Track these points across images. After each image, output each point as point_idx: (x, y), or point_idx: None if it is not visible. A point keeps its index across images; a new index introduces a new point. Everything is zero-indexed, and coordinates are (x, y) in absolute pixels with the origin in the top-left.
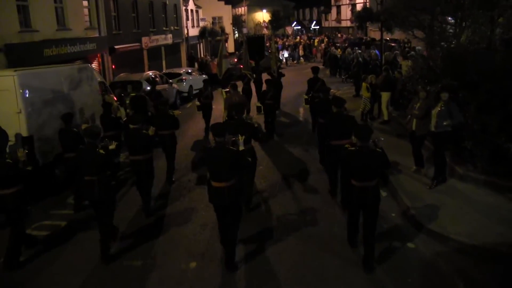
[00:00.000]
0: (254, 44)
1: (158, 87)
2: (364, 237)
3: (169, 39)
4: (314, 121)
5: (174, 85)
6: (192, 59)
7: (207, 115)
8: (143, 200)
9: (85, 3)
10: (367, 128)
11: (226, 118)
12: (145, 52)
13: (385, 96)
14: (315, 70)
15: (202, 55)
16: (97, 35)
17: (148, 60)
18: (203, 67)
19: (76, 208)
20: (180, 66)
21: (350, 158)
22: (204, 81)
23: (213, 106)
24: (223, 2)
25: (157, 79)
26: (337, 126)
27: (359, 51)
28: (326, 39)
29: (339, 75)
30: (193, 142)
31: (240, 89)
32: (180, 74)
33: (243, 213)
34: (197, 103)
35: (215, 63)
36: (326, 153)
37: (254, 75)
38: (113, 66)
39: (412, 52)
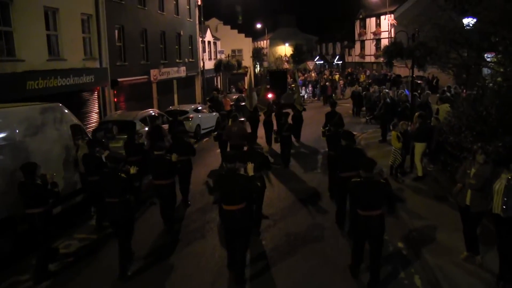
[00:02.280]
0: (276, 78)
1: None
2: (370, 265)
3: (182, 71)
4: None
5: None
6: (217, 92)
7: (223, 147)
8: (165, 221)
9: (85, 31)
10: (371, 160)
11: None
12: (154, 86)
13: (419, 147)
14: (332, 104)
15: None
16: (97, 66)
17: (157, 94)
18: (215, 104)
19: (98, 229)
20: (193, 100)
21: (356, 189)
22: (221, 114)
23: None
24: (243, 35)
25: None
26: (346, 158)
27: (386, 90)
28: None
29: (363, 115)
30: (209, 170)
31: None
32: (186, 112)
33: (253, 236)
34: (214, 134)
35: (228, 99)
36: (335, 184)
37: (274, 108)
38: (115, 100)
39: (447, 93)
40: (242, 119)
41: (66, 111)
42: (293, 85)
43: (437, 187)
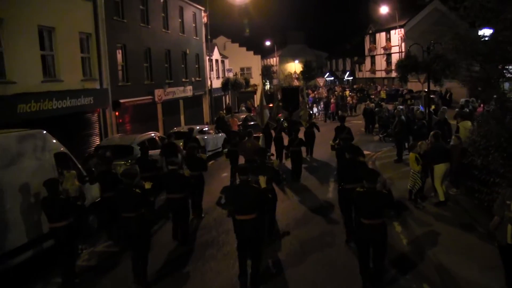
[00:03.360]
0: (288, 95)
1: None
2: (373, 269)
3: (188, 91)
4: (339, 165)
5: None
6: (229, 111)
7: (234, 162)
8: (175, 235)
9: (84, 51)
10: (373, 172)
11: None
12: (159, 106)
13: (439, 169)
14: (342, 119)
15: (222, 110)
16: (97, 87)
17: (162, 114)
18: (221, 125)
19: (115, 241)
20: (201, 120)
21: (359, 198)
22: (232, 132)
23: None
24: (252, 52)
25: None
26: (350, 171)
27: (401, 106)
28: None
29: (376, 133)
30: (221, 186)
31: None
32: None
33: (265, 245)
34: (225, 150)
35: (235, 119)
36: (340, 195)
37: (286, 124)
38: (118, 121)
39: (466, 109)
40: (257, 135)
41: (50, 138)
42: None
43: (463, 214)
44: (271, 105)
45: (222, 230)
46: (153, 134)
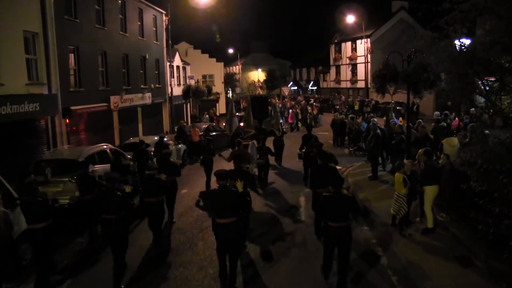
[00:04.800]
0: (258, 104)
1: (100, 167)
2: (338, 268)
3: (147, 98)
4: (306, 173)
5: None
6: (194, 119)
7: (208, 170)
8: (154, 236)
9: (29, 52)
10: (339, 178)
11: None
12: (115, 114)
13: (431, 192)
14: (309, 127)
15: (182, 119)
16: (44, 92)
17: (119, 123)
18: (181, 135)
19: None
20: (161, 130)
21: (326, 202)
22: (207, 139)
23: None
24: (214, 60)
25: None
26: (321, 176)
27: (375, 119)
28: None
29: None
30: (197, 192)
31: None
32: (148, 145)
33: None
34: (200, 158)
35: (197, 130)
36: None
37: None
38: (67, 130)
39: (443, 123)
40: (246, 142)
41: None
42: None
43: (456, 245)
44: (241, 114)
45: (198, 232)
46: (105, 146)
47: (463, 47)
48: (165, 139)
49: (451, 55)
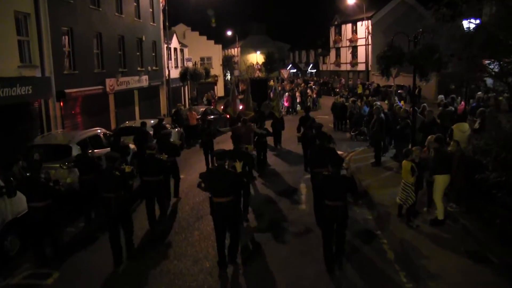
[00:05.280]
0: (257, 87)
1: (97, 152)
2: (336, 244)
3: (144, 81)
4: (305, 154)
5: (131, 145)
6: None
7: (207, 151)
8: (160, 211)
9: (21, 34)
10: (339, 158)
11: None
12: (110, 97)
13: (442, 181)
14: (307, 109)
15: (180, 102)
16: (37, 75)
17: (115, 106)
18: (178, 118)
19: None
20: (158, 113)
21: (324, 182)
22: (208, 120)
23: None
24: (212, 42)
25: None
26: (319, 156)
27: (378, 103)
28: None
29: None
30: (193, 177)
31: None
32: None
33: (242, 224)
34: (199, 141)
35: (194, 113)
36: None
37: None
38: (72, 112)
39: (451, 108)
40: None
41: None
42: (271, 93)
43: (467, 238)
44: (241, 96)
45: (198, 213)
46: (98, 131)
47: (472, 28)
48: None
49: (465, 36)
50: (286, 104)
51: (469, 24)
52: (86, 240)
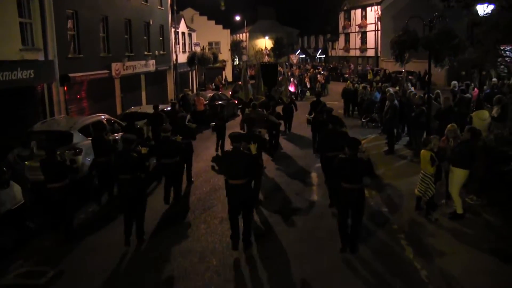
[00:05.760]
0: (267, 72)
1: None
2: (351, 231)
3: (151, 65)
4: (314, 138)
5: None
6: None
7: (220, 136)
8: (167, 196)
9: (24, 16)
10: (355, 140)
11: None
12: (116, 82)
13: (460, 175)
14: (318, 94)
15: (188, 88)
16: (40, 58)
17: (121, 91)
18: (184, 104)
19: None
20: (165, 98)
21: (341, 164)
22: (220, 105)
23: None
24: (221, 26)
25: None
26: (332, 140)
27: (390, 88)
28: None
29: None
30: (200, 166)
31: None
32: (148, 115)
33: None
34: (212, 124)
35: (201, 98)
36: (323, 163)
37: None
38: (78, 97)
39: (468, 95)
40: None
41: None
42: (280, 78)
43: (490, 234)
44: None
45: (213, 196)
46: (103, 117)
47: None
48: (169, 108)
49: (489, 20)
50: (292, 89)
51: (485, 9)
52: (98, 222)
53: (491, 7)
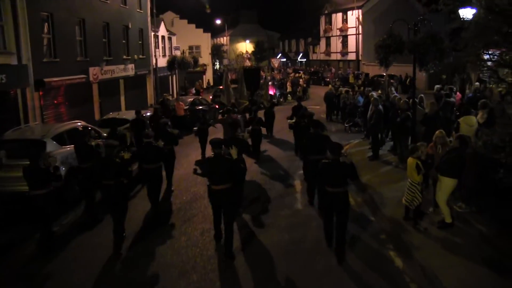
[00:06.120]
0: (250, 76)
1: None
2: (336, 235)
3: (130, 70)
4: (296, 142)
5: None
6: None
7: (203, 140)
8: (152, 202)
9: None
10: (337, 145)
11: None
12: (94, 86)
13: (449, 184)
14: (299, 99)
15: (168, 92)
16: (13, 62)
17: (99, 96)
18: (164, 109)
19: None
20: (145, 103)
21: (324, 169)
22: (202, 109)
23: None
24: (201, 30)
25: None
26: (314, 144)
27: (373, 93)
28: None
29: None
30: (181, 173)
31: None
32: (127, 121)
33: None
34: (195, 128)
35: (181, 103)
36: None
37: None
38: (55, 102)
39: (452, 99)
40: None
41: None
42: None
43: (482, 243)
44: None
45: (193, 205)
46: (79, 123)
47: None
48: (148, 113)
49: (478, 24)
50: (272, 92)
51: (464, 13)
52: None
53: (473, 11)
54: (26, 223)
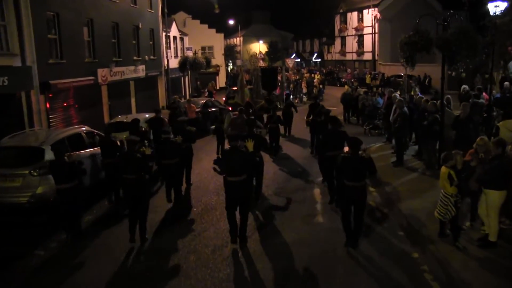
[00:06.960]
0: (267, 76)
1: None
2: (354, 225)
3: (140, 71)
4: (312, 140)
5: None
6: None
7: (220, 138)
8: (175, 193)
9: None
10: (356, 140)
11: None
12: (103, 88)
13: (495, 198)
14: (315, 97)
15: (179, 94)
16: (17, 64)
17: (108, 98)
18: (175, 112)
19: (113, 202)
20: (157, 105)
21: (343, 163)
22: (221, 108)
23: None
24: (214, 30)
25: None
26: (332, 140)
27: (397, 94)
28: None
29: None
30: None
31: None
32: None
33: (252, 204)
34: (213, 127)
35: (193, 105)
36: (322, 163)
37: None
38: (47, 107)
39: (482, 100)
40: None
41: None
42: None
43: None
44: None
45: (205, 218)
46: (83, 129)
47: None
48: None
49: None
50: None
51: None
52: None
53: (504, 4)
54: (24, 236)
